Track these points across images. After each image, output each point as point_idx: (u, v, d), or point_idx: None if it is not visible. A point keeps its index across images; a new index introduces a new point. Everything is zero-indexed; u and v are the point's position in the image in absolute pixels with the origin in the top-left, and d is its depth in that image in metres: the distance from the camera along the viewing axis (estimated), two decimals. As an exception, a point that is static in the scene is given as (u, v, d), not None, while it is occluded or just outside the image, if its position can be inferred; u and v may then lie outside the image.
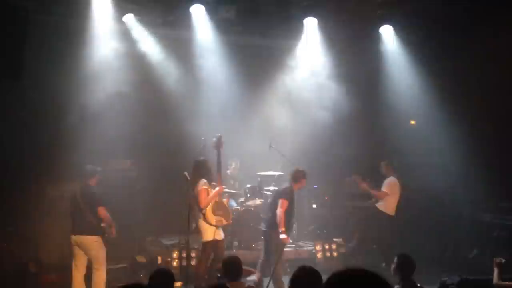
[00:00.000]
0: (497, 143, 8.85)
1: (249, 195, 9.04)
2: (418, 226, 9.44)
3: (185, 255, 7.67)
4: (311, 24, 9.36)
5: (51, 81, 8.00)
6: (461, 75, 9.24)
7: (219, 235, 6.77)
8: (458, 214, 9.48)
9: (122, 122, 8.47)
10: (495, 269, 5.35)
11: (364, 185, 8.66)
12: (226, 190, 8.96)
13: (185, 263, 7.62)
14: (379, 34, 9.73)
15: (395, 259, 4.82)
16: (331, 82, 9.85)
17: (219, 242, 6.78)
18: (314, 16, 9.16)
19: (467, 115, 9.17)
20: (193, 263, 7.36)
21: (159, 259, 8.19)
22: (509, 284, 5.26)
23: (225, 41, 9.35)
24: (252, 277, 6.20)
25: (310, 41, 9.71)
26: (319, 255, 8.81)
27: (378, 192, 8.62)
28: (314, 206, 9.83)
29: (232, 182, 9.45)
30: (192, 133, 8.82)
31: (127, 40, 8.89)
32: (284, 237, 6.77)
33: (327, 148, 9.69)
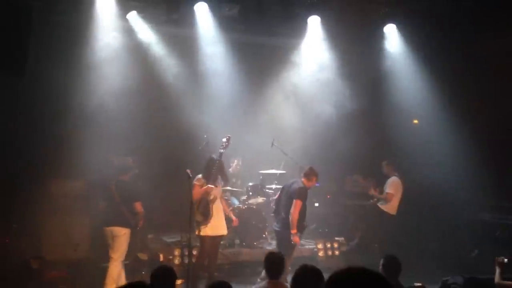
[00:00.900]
0: (498, 143, 8.84)
1: (251, 193, 9.05)
2: (420, 225, 9.44)
3: (187, 252, 7.68)
4: (314, 23, 9.35)
5: (55, 79, 8.00)
6: (464, 75, 9.23)
7: (212, 231, 6.67)
8: (459, 213, 9.48)
9: (125, 120, 8.49)
10: (497, 268, 5.36)
11: (372, 191, 8.71)
12: (228, 188, 8.99)
13: (186, 260, 7.63)
14: (383, 33, 9.72)
15: (381, 260, 4.80)
16: (334, 81, 9.85)
17: (211, 238, 6.69)
18: (318, 15, 9.15)
19: (469, 114, 9.16)
20: (195, 260, 7.35)
21: (160, 256, 8.22)
22: (511, 283, 5.26)
23: (228, 39, 9.34)
24: (263, 283, 6.02)
25: (314, 40, 9.70)
26: (320, 253, 8.83)
27: (385, 196, 8.63)
28: (316, 204, 9.83)
29: (234, 180, 9.46)
30: (195, 130, 8.85)
31: (130, 38, 8.90)
32: (297, 238, 6.86)
33: (329, 147, 9.67)
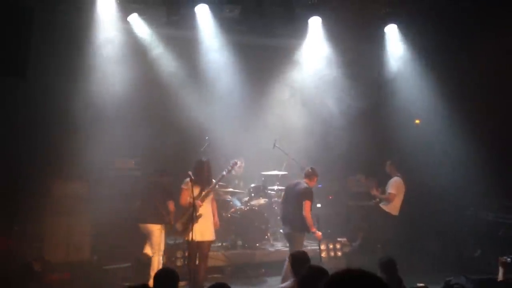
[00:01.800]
0: (501, 142, 8.83)
1: (253, 194, 9.03)
2: (422, 225, 9.42)
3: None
4: (315, 23, 9.35)
5: (56, 80, 8.01)
6: (465, 74, 9.22)
7: (200, 235, 6.56)
8: (462, 213, 9.46)
9: (126, 121, 8.50)
10: (500, 268, 5.34)
11: (375, 191, 8.72)
12: (230, 189, 8.99)
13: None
14: (384, 33, 9.72)
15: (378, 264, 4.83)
16: (335, 81, 9.84)
17: (197, 243, 6.57)
18: (318, 15, 9.15)
19: (471, 114, 9.14)
20: (197, 262, 7.34)
21: (163, 258, 8.21)
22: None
23: (229, 40, 9.35)
24: (288, 282, 5.85)
25: (315, 40, 9.69)
26: (323, 254, 8.80)
27: (387, 196, 8.61)
28: (319, 205, 9.79)
29: (236, 181, 9.46)
30: (197, 132, 8.84)
31: (131, 39, 8.91)
32: (319, 233, 7.14)
33: (331, 147, 9.66)
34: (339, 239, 9.15)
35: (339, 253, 8.95)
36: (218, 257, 8.21)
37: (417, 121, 10.58)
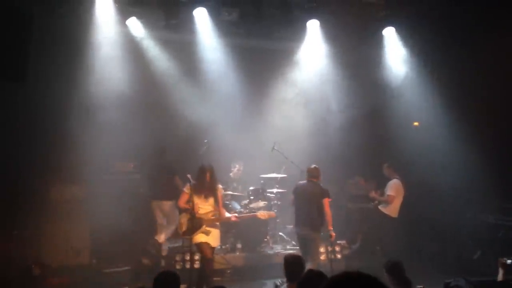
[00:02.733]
0: (500, 144, 8.83)
1: (252, 197, 9.01)
2: (422, 227, 9.42)
3: (188, 258, 7.67)
4: (313, 26, 9.36)
5: (55, 83, 8.02)
6: (464, 77, 9.22)
7: (201, 238, 6.57)
8: (462, 215, 9.45)
9: (125, 125, 8.50)
10: (500, 270, 5.34)
11: (373, 193, 8.73)
12: (229, 192, 8.99)
13: (188, 266, 7.62)
14: (382, 35, 9.74)
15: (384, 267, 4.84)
16: (334, 84, 9.86)
17: (201, 244, 6.59)
18: (316, 18, 9.15)
19: (470, 116, 9.14)
20: (196, 266, 7.33)
21: (162, 261, 8.21)
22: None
23: (227, 43, 9.38)
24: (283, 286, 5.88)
25: (313, 43, 9.71)
26: (322, 257, 8.79)
27: (386, 198, 8.61)
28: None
29: (235, 184, 9.46)
30: (195, 135, 8.85)
31: (130, 43, 8.93)
32: (333, 233, 7.26)
33: (330, 149, 9.67)
34: (338, 241, 9.13)
35: (338, 256, 8.93)
36: (218, 260, 8.20)
37: (415, 123, 10.59)
